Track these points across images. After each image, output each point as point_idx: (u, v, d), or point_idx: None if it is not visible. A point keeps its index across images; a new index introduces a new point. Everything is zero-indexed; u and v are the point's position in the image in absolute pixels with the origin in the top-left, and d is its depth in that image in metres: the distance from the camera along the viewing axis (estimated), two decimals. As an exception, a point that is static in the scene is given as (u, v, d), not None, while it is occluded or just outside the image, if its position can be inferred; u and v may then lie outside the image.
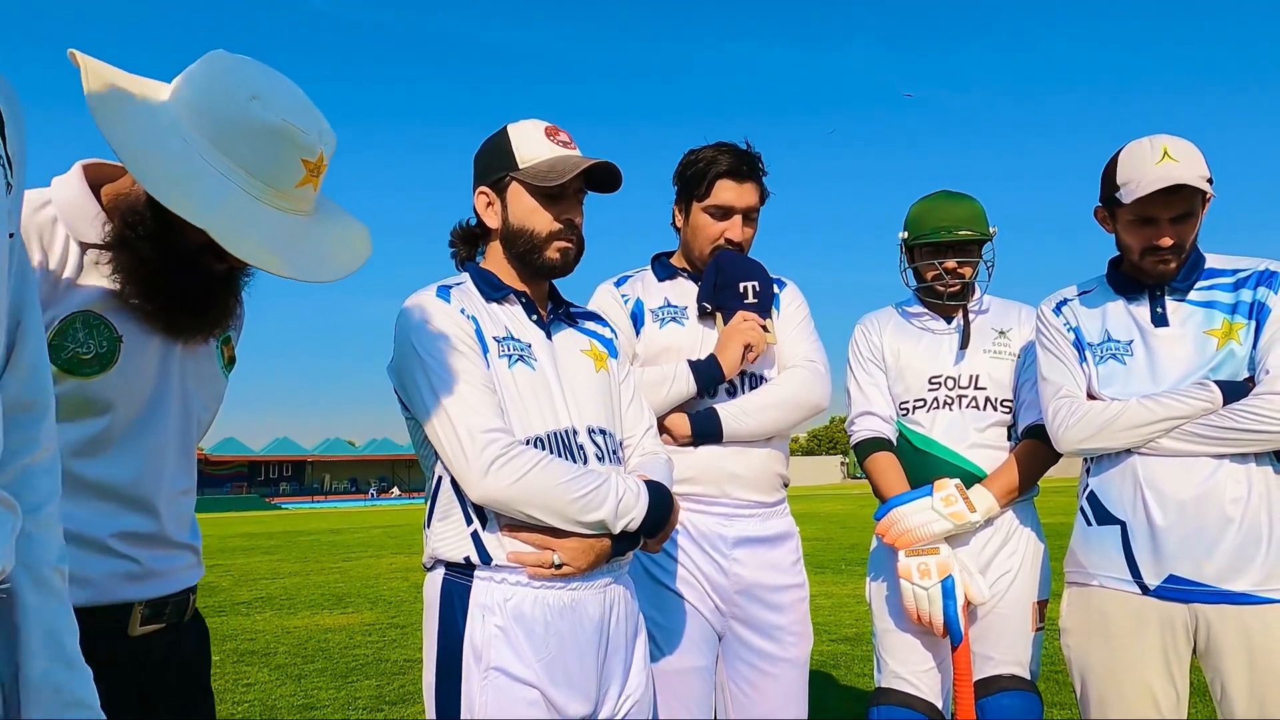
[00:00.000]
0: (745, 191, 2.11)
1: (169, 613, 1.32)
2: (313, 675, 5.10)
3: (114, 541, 1.23)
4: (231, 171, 1.17)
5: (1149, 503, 1.81)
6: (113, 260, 1.21)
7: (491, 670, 1.50)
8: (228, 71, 1.20)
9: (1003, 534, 2.23)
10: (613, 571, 1.62)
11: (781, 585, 2.08)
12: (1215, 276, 1.92)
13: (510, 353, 1.60)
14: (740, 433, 2.03)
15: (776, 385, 2.10)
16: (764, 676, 2.04)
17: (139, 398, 1.26)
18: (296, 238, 1.22)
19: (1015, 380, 2.29)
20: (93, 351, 1.20)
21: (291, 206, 1.23)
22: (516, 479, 1.47)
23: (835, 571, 9.02)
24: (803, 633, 2.10)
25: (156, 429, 1.28)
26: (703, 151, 2.14)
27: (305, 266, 1.21)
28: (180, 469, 1.34)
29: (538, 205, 1.62)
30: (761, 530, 2.09)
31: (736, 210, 2.11)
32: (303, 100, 1.23)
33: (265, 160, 1.18)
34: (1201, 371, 1.84)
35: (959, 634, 2.10)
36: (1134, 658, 1.82)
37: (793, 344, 2.16)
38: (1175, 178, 1.78)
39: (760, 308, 2.08)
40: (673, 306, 2.15)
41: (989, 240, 2.33)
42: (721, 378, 2.01)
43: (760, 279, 2.11)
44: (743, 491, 2.06)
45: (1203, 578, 1.76)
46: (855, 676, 4.61)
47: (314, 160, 1.22)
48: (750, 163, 2.12)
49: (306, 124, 1.21)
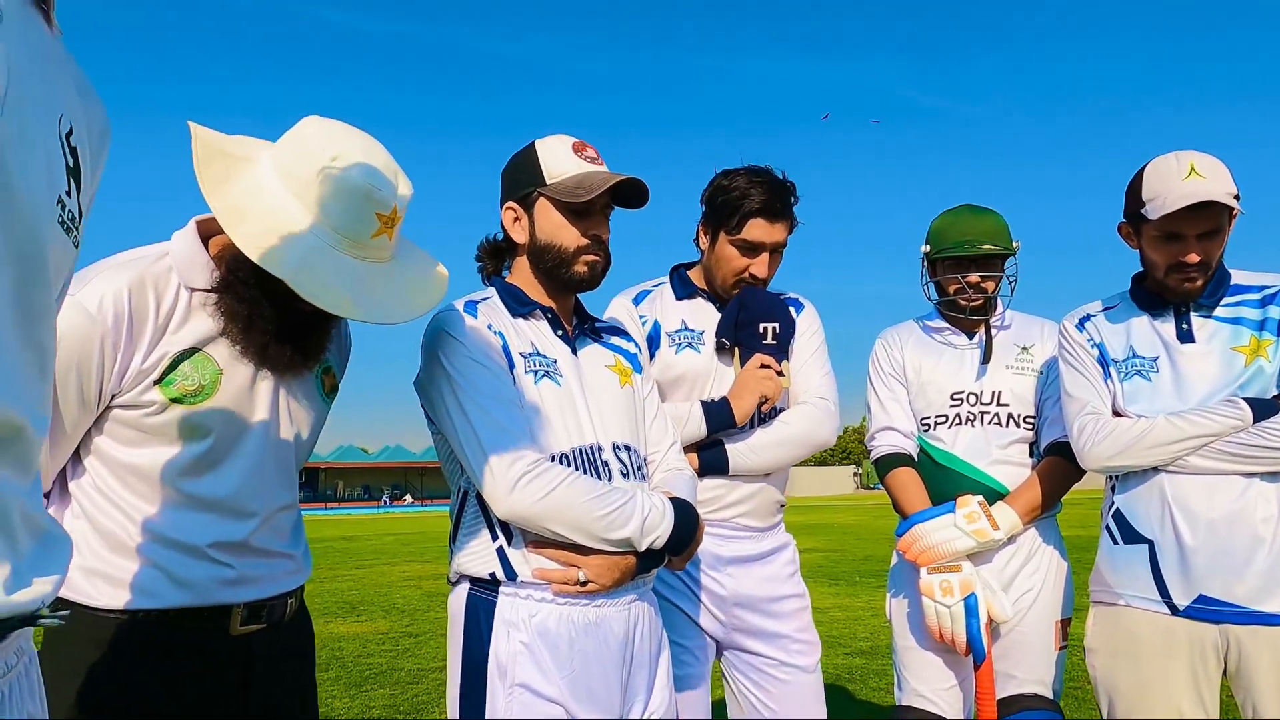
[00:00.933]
0: (776, 230, 2.08)
1: (267, 614, 1.45)
2: (326, 684, 5.10)
3: (211, 550, 1.37)
4: (314, 226, 1.32)
5: (1177, 522, 1.79)
6: (217, 303, 1.36)
7: (516, 687, 1.50)
8: (314, 135, 1.36)
9: (1025, 551, 2.22)
10: (637, 589, 1.62)
11: (779, 595, 2.08)
12: (1242, 293, 1.91)
13: (536, 368, 1.61)
14: (746, 469, 2.05)
15: (786, 424, 2.08)
16: (778, 684, 2.04)
17: (238, 424, 1.40)
18: (373, 283, 1.36)
19: (1038, 396, 2.28)
20: (196, 383, 1.36)
21: (369, 255, 1.37)
22: (542, 495, 1.47)
23: (849, 584, 8.97)
24: (809, 640, 2.10)
25: (255, 451, 1.42)
26: (736, 180, 2.08)
27: (379, 310, 1.36)
28: (279, 486, 1.47)
29: (565, 221, 1.62)
30: (756, 549, 2.09)
31: (765, 248, 2.08)
32: (381, 158, 1.38)
33: (343, 215, 1.33)
34: (1229, 388, 1.82)
35: (982, 652, 2.08)
36: (1163, 679, 1.80)
37: (804, 376, 2.15)
38: (1203, 194, 1.76)
39: (778, 349, 2.07)
40: (690, 330, 2.14)
41: (1012, 255, 2.32)
42: (733, 425, 2.00)
43: (781, 320, 2.09)
44: (741, 519, 2.08)
45: (1234, 598, 1.74)
46: (871, 691, 4.58)
47: (388, 214, 1.37)
48: (784, 200, 2.08)
49: (380, 181, 1.35)
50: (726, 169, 2.15)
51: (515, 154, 1.71)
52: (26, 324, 0.66)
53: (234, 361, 1.39)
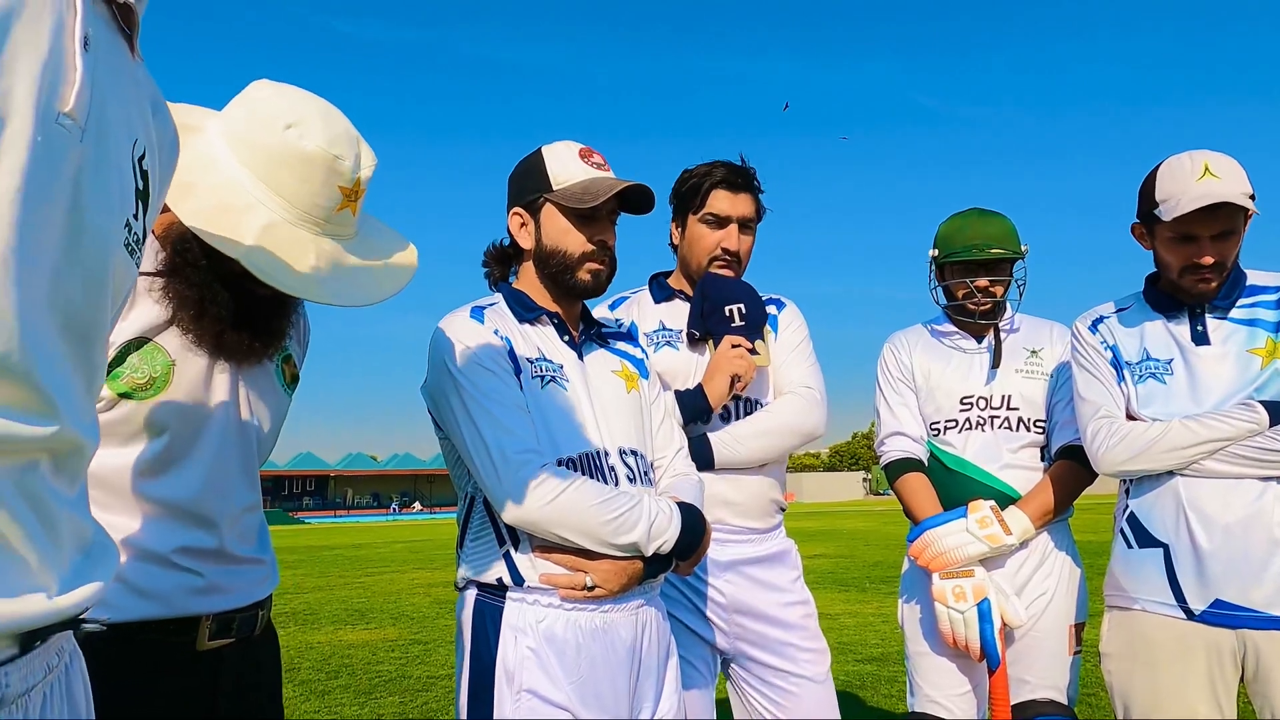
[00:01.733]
0: (740, 201, 2.11)
1: (237, 627, 1.34)
2: (336, 691, 5.10)
3: (176, 556, 1.26)
4: (270, 199, 1.20)
5: (1193, 525, 1.77)
6: (164, 288, 1.25)
7: (523, 692, 1.49)
8: (267, 100, 1.23)
9: (1038, 556, 2.20)
10: (645, 594, 1.61)
11: (783, 603, 2.05)
12: (1258, 294, 1.88)
13: (542, 374, 1.60)
14: (732, 460, 2.01)
15: (770, 413, 2.07)
16: (788, 695, 2.01)
17: (196, 418, 1.29)
18: (337, 263, 1.24)
19: (1048, 400, 2.26)
20: (146, 375, 1.24)
21: (331, 231, 1.25)
22: (549, 500, 1.47)
23: (860, 590, 8.92)
24: (817, 649, 2.06)
25: (216, 448, 1.31)
26: (697, 168, 2.16)
27: (343, 292, 1.22)
28: (243, 485, 1.36)
29: (571, 226, 1.62)
30: (755, 553, 2.06)
31: (732, 219, 2.11)
32: (341, 126, 1.25)
33: (301, 188, 1.20)
34: (1245, 391, 1.80)
35: (996, 658, 2.07)
36: (1180, 684, 1.78)
37: (789, 368, 2.13)
38: (1217, 195, 1.74)
39: (748, 330, 2.05)
40: (667, 330, 2.13)
41: (1020, 258, 2.30)
42: (709, 408, 1.98)
43: (746, 300, 2.08)
44: (736, 519, 2.04)
45: (1251, 603, 1.72)
46: (882, 698, 4.54)
47: (350, 186, 1.24)
48: (744, 175, 2.13)
49: (343, 150, 1.23)
50: (690, 167, 2.20)
51: (522, 160, 1.71)
52: (83, 346, 0.67)
53: (186, 351, 1.27)
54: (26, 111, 0.57)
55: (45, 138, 0.59)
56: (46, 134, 0.59)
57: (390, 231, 1.39)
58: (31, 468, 0.63)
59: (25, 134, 0.57)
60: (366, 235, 1.33)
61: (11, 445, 0.60)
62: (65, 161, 0.61)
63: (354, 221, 1.29)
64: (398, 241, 1.38)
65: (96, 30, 0.64)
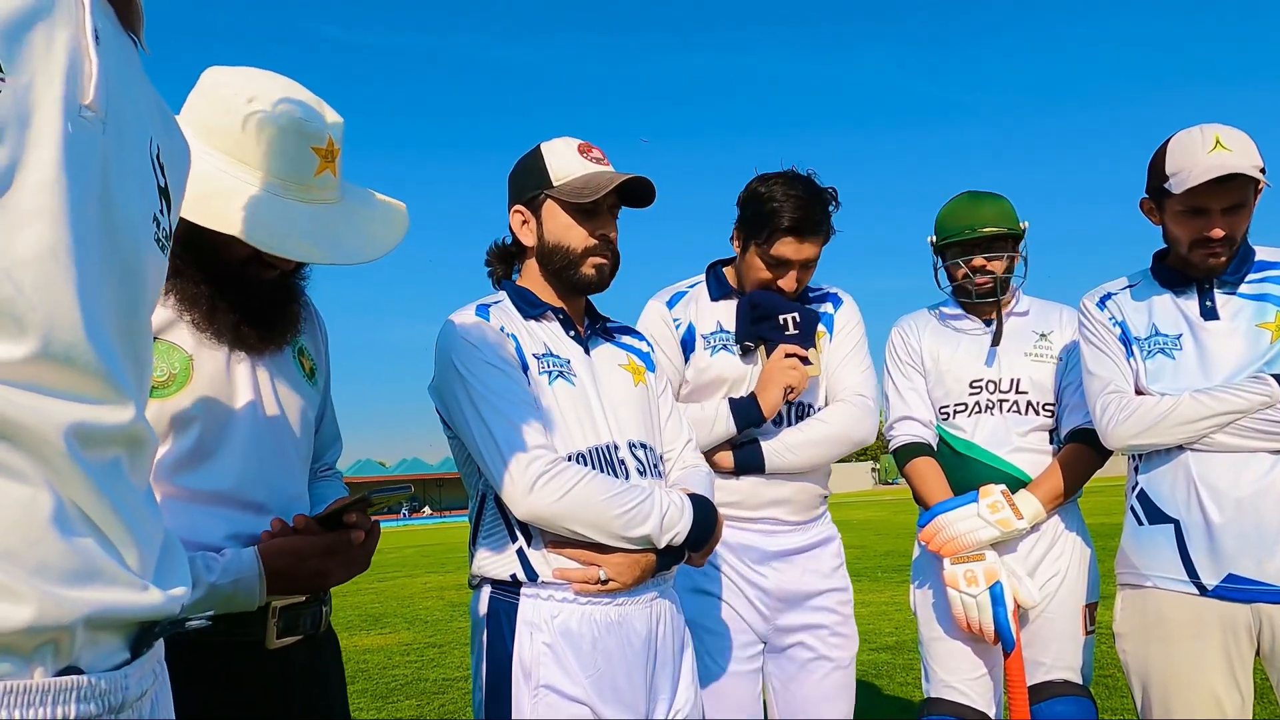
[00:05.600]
0: (806, 248, 2.00)
1: (304, 624, 1.35)
2: (353, 696, 5.11)
3: (229, 543, 1.26)
4: (250, 176, 1.22)
5: (1204, 500, 1.77)
6: (171, 289, 1.26)
7: (541, 688, 1.50)
8: (222, 82, 1.25)
9: (1049, 537, 2.20)
10: (658, 586, 1.61)
11: (824, 589, 2.08)
12: (1268, 269, 1.88)
13: (550, 369, 1.60)
14: (784, 468, 2.03)
15: (823, 422, 2.06)
16: (810, 675, 2.04)
17: (222, 409, 1.29)
18: (329, 226, 1.25)
19: (1057, 383, 2.26)
20: (165, 372, 1.25)
21: (317, 197, 1.26)
22: (561, 495, 1.47)
23: (872, 579, 8.91)
24: (848, 634, 2.09)
25: (248, 436, 1.31)
26: (772, 188, 2.01)
27: (342, 251, 1.25)
28: (283, 475, 1.37)
29: (573, 222, 1.62)
30: (802, 541, 2.10)
31: (794, 265, 2.02)
32: (300, 91, 1.27)
33: (277, 157, 1.22)
34: (1255, 365, 1.79)
35: (1011, 641, 2.06)
36: (1195, 661, 1.77)
37: (843, 373, 2.11)
38: (1228, 167, 1.73)
39: (802, 338, 2.04)
40: (725, 332, 2.10)
41: (1018, 236, 2.30)
42: (762, 419, 1.99)
43: (798, 309, 2.05)
44: (784, 514, 2.08)
45: (1265, 576, 1.71)
46: (898, 686, 4.54)
47: (324, 146, 1.26)
48: (816, 217, 1.99)
49: (307, 113, 1.24)
50: (764, 174, 2.08)
51: (521, 157, 1.71)
52: (129, 342, 0.67)
53: (202, 346, 1.28)
54: (54, 104, 0.58)
55: (75, 129, 0.59)
56: (75, 125, 0.59)
57: (374, 194, 1.40)
58: (116, 463, 0.63)
59: (56, 126, 0.57)
60: (353, 198, 1.34)
61: (100, 435, 0.61)
62: (93, 154, 0.61)
63: (336, 184, 1.30)
64: (386, 202, 1.39)
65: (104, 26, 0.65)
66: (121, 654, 0.63)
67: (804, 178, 2.05)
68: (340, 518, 1.30)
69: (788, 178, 2.04)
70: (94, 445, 0.60)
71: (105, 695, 0.59)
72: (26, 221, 0.55)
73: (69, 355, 0.58)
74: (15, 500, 0.54)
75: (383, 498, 1.30)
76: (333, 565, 1.31)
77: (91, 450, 0.59)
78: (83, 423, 0.58)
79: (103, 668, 0.60)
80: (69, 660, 0.57)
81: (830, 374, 2.13)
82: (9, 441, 0.54)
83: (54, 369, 0.57)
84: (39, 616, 0.54)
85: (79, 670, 0.58)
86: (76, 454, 0.58)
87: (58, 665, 0.56)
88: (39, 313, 0.55)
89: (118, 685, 0.61)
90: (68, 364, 0.58)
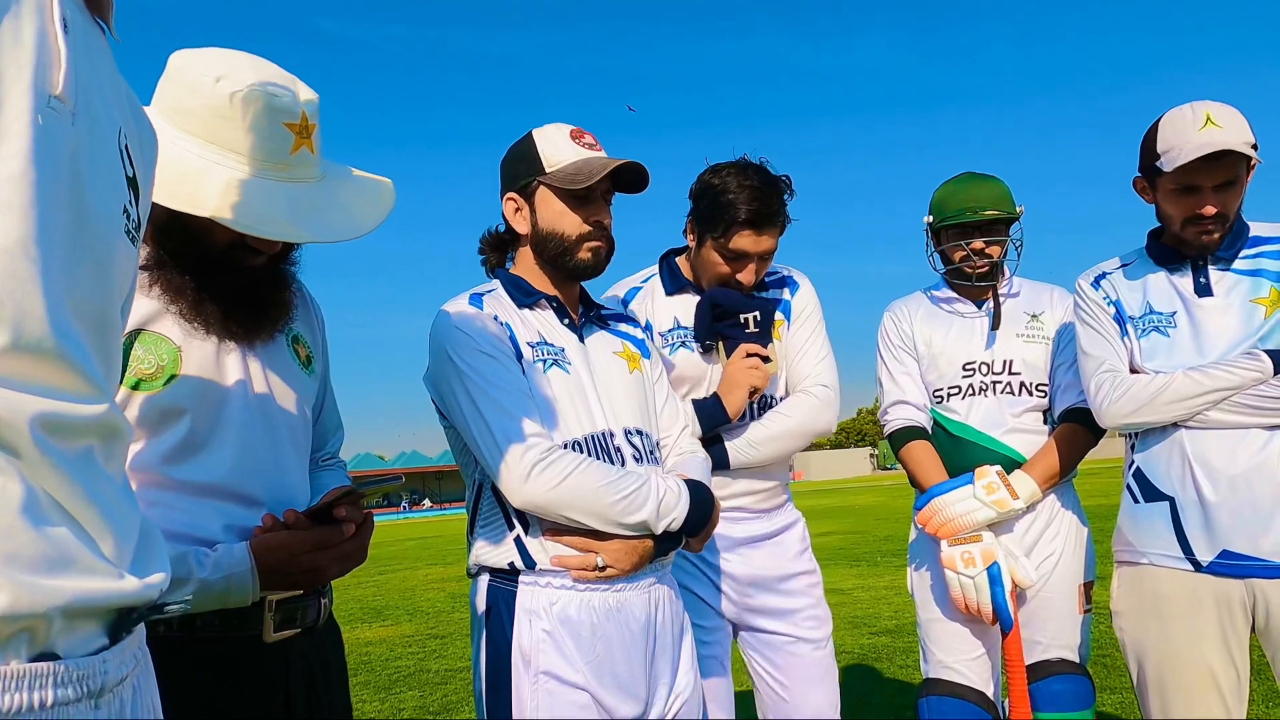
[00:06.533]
0: (764, 240, 1.96)
1: (302, 617, 1.33)
2: (356, 688, 5.14)
3: (226, 535, 1.25)
4: (225, 158, 1.19)
5: (1198, 477, 1.77)
6: (155, 280, 1.24)
7: (541, 675, 1.50)
8: (189, 64, 1.22)
9: (1045, 517, 2.21)
10: (656, 572, 1.62)
11: (791, 573, 2.08)
12: (1261, 244, 1.87)
13: (544, 357, 1.60)
14: (748, 464, 2.02)
15: (785, 415, 2.05)
16: (790, 658, 2.04)
17: (213, 400, 1.27)
18: (310, 204, 1.23)
19: (1050, 363, 2.27)
20: (153, 364, 1.23)
21: (296, 175, 1.24)
22: (557, 483, 1.47)
23: (871, 564, 8.95)
24: (821, 615, 2.09)
25: (241, 427, 1.29)
26: (725, 179, 1.94)
27: (326, 229, 1.22)
28: (279, 466, 1.34)
29: (566, 208, 1.62)
30: (766, 528, 2.09)
31: (751, 258, 1.98)
32: (270, 68, 1.24)
33: (250, 136, 1.19)
34: (1249, 341, 1.79)
35: (1009, 620, 2.08)
36: (1191, 637, 1.78)
37: (803, 362, 2.09)
38: (1219, 143, 1.73)
39: (762, 336, 2.02)
40: (683, 329, 2.07)
41: (1016, 219, 2.30)
42: (727, 419, 1.97)
43: (759, 307, 2.02)
44: (749, 504, 2.07)
45: (1259, 552, 1.72)
46: (898, 669, 4.57)
47: (297, 122, 1.23)
48: (772, 208, 1.94)
49: (277, 88, 1.21)
50: (716, 164, 2.02)
51: (513, 145, 1.70)
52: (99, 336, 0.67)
53: (190, 336, 1.26)
54: (23, 95, 0.57)
55: (45, 120, 0.59)
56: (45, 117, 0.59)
57: (354, 172, 1.37)
58: (88, 452, 0.63)
59: (25, 118, 0.57)
60: (334, 176, 1.31)
61: (71, 426, 0.61)
62: (63, 145, 0.61)
63: (315, 161, 1.27)
64: (369, 179, 1.36)
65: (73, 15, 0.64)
66: (100, 640, 0.64)
67: (757, 167, 1.99)
68: (330, 511, 1.29)
69: (740, 168, 1.98)
70: (65, 436, 0.60)
71: (84, 680, 0.60)
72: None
73: (38, 348, 0.58)
74: None
75: (373, 489, 1.29)
76: (325, 560, 1.29)
77: (63, 441, 0.60)
78: (53, 414, 0.59)
79: (80, 653, 0.61)
80: (44, 647, 0.58)
81: (789, 362, 2.11)
82: None
83: (23, 361, 0.57)
84: (12, 604, 0.54)
85: (55, 656, 0.58)
86: (47, 445, 0.58)
87: (33, 651, 0.57)
88: (7, 307, 0.56)
89: (96, 670, 0.62)
90: (37, 356, 0.58)
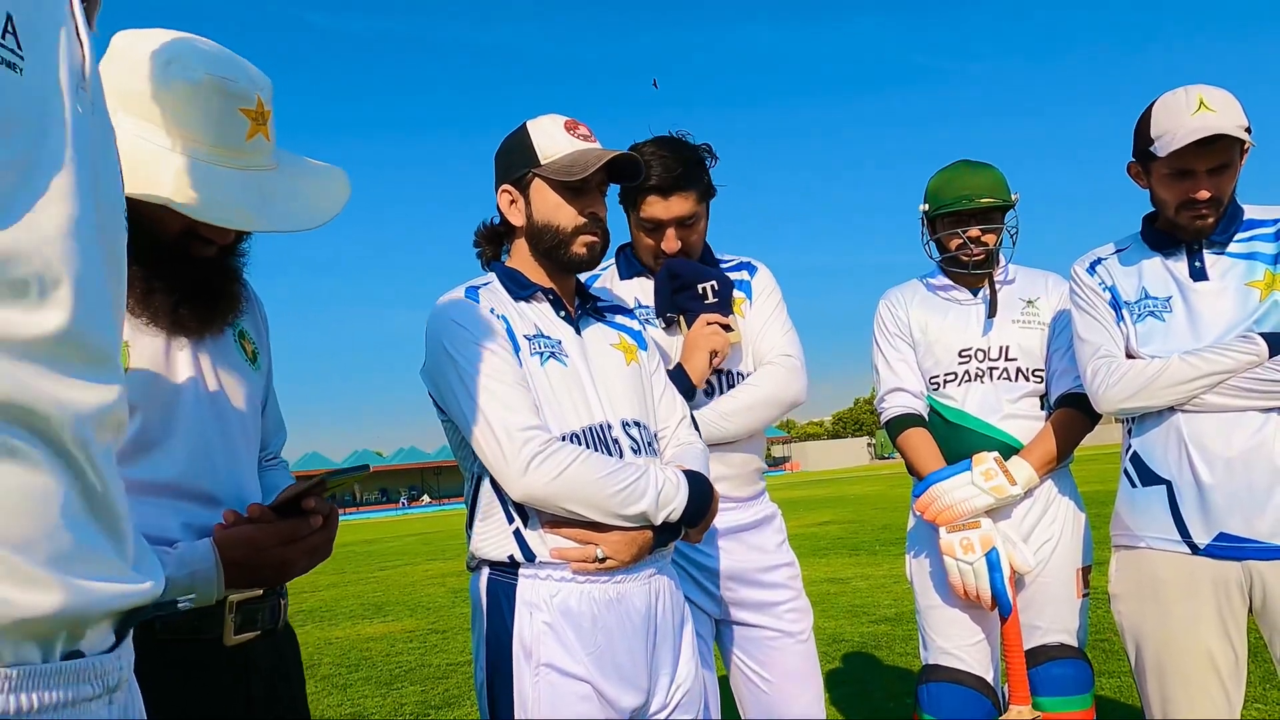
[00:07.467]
0: (675, 204, 1.97)
1: (262, 619, 1.30)
2: (358, 684, 5.15)
3: (185, 534, 1.22)
4: (178, 143, 1.15)
5: (1195, 461, 1.78)
6: None
7: (542, 666, 1.51)
8: (136, 45, 1.18)
9: (1043, 502, 2.22)
10: (656, 562, 1.62)
11: (770, 565, 2.07)
12: (1255, 227, 1.87)
13: (541, 350, 1.60)
14: (721, 437, 2.01)
15: (754, 386, 2.05)
16: (771, 651, 2.04)
17: (163, 396, 1.24)
18: (267, 192, 1.20)
19: (1046, 349, 2.27)
20: None
21: (250, 163, 1.20)
22: (556, 475, 1.47)
23: (870, 553, 8.97)
24: (802, 608, 2.09)
25: (193, 424, 1.26)
26: (640, 154, 1.92)
27: (283, 218, 1.20)
28: (233, 465, 1.31)
29: (561, 200, 1.61)
30: (742, 520, 2.08)
31: (666, 224, 1.99)
32: (223, 53, 1.20)
33: (205, 120, 1.15)
34: (1245, 324, 1.79)
35: (1008, 606, 2.09)
36: (1189, 620, 1.79)
37: (766, 336, 2.11)
38: (1212, 128, 1.73)
39: (721, 306, 2.03)
40: (644, 308, 2.08)
41: (1011, 207, 2.30)
42: (692, 387, 1.97)
43: (716, 277, 2.04)
44: (725, 489, 2.04)
45: (1256, 534, 1.73)
46: (898, 656, 4.59)
47: (253, 108, 1.20)
48: (678, 174, 1.95)
49: (232, 73, 1.18)
50: (635, 142, 2.03)
51: (507, 137, 1.69)
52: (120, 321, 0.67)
53: (137, 332, 1.21)
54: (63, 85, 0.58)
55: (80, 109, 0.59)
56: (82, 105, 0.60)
57: (310, 162, 1.34)
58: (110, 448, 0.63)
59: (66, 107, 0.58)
60: (290, 166, 1.29)
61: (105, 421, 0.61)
62: (87, 134, 0.61)
63: (270, 149, 1.24)
64: (324, 168, 1.34)
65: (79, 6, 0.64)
66: (110, 638, 0.64)
67: (671, 138, 2.03)
68: (297, 504, 1.27)
69: (655, 141, 2.01)
70: (100, 431, 0.60)
71: (104, 676, 0.61)
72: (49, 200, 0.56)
73: (87, 334, 0.58)
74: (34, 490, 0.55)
75: (338, 481, 1.27)
76: (294, 554, 1.26)
77: (98, 436, 0.60)
78: (95, 408, 0.59)
79: (97, 651, 0.62)
80: (75, 645, 0.59)
81: (754, 338, 2.12)
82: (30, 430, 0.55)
83: (74, 348, 0.58)
84: (64, 605, 0.55)
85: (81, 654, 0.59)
86: (87, 441, 0.58)
87: (66, 649, 0.58)
88: (64, 288, 0.56)
89: (112, 667, 0.63)
90: (85, 343, 0.58)
